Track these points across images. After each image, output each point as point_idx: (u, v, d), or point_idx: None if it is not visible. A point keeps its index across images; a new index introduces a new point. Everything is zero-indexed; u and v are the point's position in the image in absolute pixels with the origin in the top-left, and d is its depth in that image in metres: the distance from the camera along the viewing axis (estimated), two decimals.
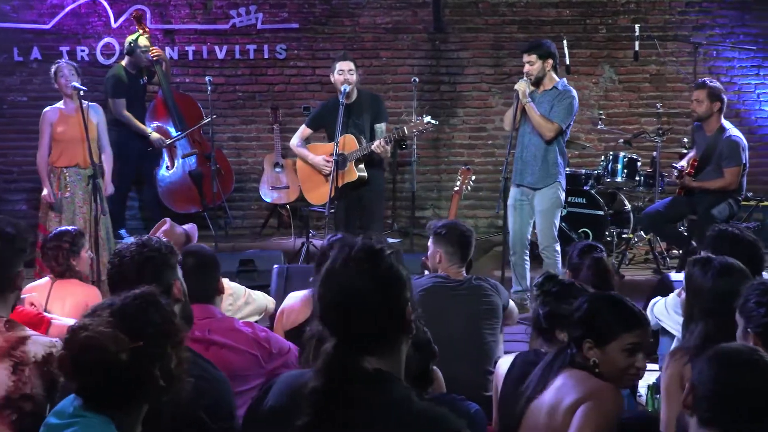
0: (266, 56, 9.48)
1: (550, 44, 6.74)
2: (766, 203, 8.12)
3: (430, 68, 9.54)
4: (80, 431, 2.19)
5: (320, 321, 2.08)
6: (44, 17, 9.39)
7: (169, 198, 8.85)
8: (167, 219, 5.12)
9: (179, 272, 2.96)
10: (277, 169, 9.02)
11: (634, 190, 8.25)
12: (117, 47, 9.33)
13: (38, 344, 2.80)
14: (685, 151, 7.91)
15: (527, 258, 6.83)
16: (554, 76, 6.70)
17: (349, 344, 1.99)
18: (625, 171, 7.89)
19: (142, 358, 2.20)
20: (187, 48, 9.48)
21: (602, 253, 4.31)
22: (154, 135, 8.55)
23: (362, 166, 6.87)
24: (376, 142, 6.73)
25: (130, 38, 8.56)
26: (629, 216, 8.17)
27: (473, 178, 6.89)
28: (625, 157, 7.93)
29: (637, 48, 8.42)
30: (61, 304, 4.33)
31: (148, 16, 9.34)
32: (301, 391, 1.98)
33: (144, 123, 8.61)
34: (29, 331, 2.88)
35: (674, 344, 4.01)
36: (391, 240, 7.97)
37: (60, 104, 7.21)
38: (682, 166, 7.25)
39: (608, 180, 7.96)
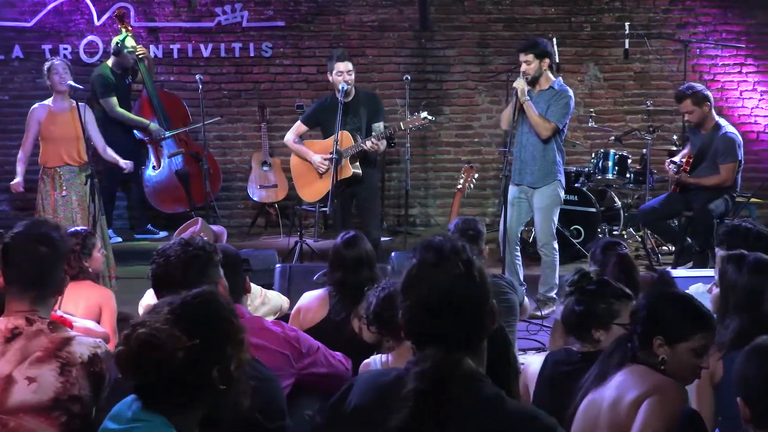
0: (252, 54, 9.42)
1: (546, 43, 6.73)
2: (754, 200, 8.19)
3: (416, 66, 9.53)
4: None
5: (405, 326, 2.00)
6: (26, 15, 9.24)
7: (156, 198, 8.76)
8: (199, 218, 5.02)
9: (221, 271, 2.93)
10: (265, 168, 8.97)
11: (624, 187, 8.29)
12: (100, 45, 9.22)
13: (83, 345, 2.74)
14: (675, 149, 7.97)
15: (518, 254, 6.85)
16: (550, 75, 6.70)
17: (451, 346, 1.95)
18: (616, 168, 7.92)
19: (199, 357, 2.15)
20: (171, 46, 9.38)
21: (626, 249, 4.33)
22: (153, 125, 8.51)
23: (357, 163, 6.85)
24: (369, 140, 6.70)
25: (116, 39, 8.47)
26: (619, 213, 8.22)
27: (476, 176, 6.89)
28: (615, 154, 7.97)
29: (627, 46, 8.49)
30: (74, 306, 4.24)
31: (132, 14, 9.23)
32: (390, 391, 1.95)
33: None
34: (72, 332, 2.83)
35: None
36: (382, 239, 7.99)
37: (48, 102, 7.03)
38: (680, 162, 7.30)
39: (599, 177, 7.99)
